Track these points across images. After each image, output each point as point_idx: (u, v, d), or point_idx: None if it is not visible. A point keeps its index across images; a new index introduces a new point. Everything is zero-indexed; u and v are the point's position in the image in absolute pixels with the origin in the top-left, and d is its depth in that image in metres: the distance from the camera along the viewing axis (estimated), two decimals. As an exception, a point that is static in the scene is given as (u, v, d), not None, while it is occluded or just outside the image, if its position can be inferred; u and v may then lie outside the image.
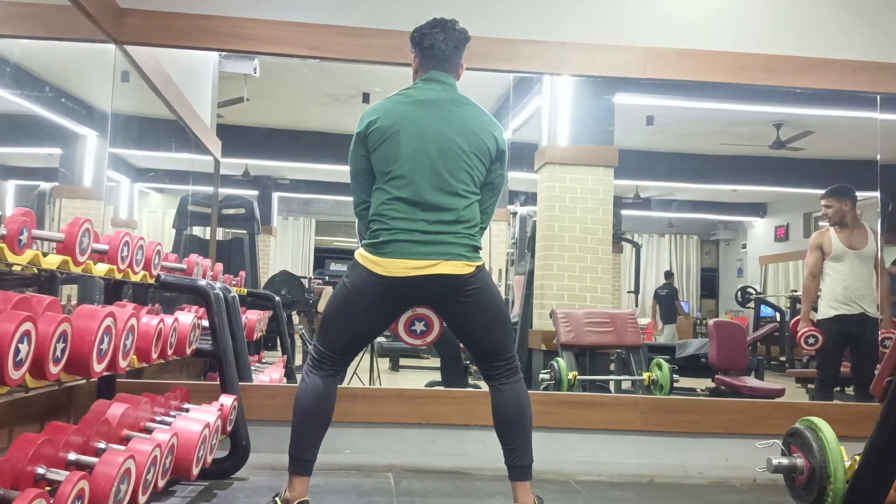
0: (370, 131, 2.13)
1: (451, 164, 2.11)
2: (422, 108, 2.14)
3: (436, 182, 2.09)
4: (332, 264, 9.28)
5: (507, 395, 2.20)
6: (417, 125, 2.11)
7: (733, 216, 11.24)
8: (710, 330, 4.95)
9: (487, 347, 2.20)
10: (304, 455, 2.17)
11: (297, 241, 10.88)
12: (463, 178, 2.12)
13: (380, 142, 2.12)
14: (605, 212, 4.71)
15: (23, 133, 3.72)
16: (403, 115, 2.13)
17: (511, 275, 7.04)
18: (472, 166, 2.14)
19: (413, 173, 2.09)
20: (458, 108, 2.18)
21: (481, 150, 2.15)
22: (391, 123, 2.12)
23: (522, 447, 2.18)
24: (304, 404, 2.18)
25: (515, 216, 7.02)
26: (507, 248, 7.45)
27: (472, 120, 2.17)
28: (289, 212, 10.74)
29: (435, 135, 2.11)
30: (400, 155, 2.10)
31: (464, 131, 2.13)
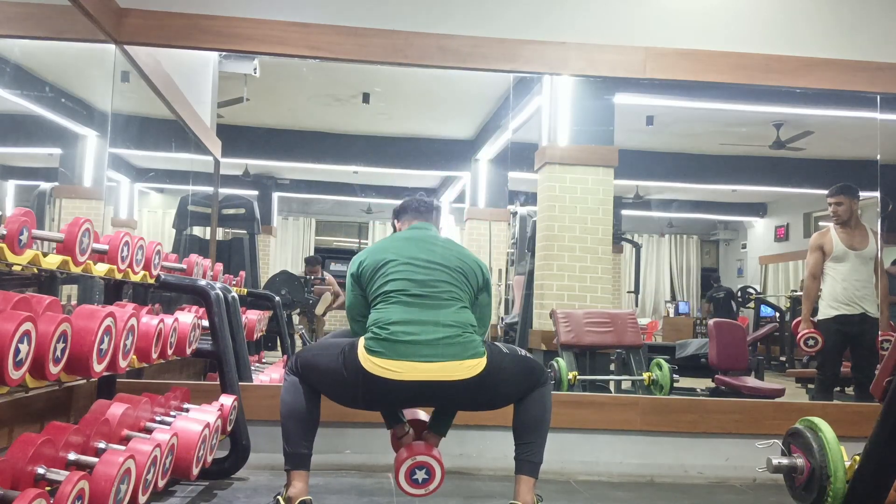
0: (362, 270, 2.24)
1: (441, 278, 2.18)
2: (409, 242, 2.28)
3: (429, 293, 2.15)
4: (333, 264, 9.27)
5: (532, 403, 2.20)
6: (406, 253, 2.22)
7: (733, 216, 11.24)
8: (710, 330, 4.95)
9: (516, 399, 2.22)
10: (295, 449, 2.19)
11: (297, 241, 10.88)
12: (454, 292, 2.18)
13: (372, 273, 2.21)
14: (605, 212, 4.71)
15: (23, 133, 3.72)
16: (391, 249, 2.25)
17: (511, 275, 7.05)
18: (460, 284, 2.21)
19: (407, 288, 2.15)
20: (442, 242, 2.32)
21: (468, 274, 2.24)
22: (381, 257, 2.23)
23: (536, 444, 2.19)
24: (286, 401, 2.22)
25: (515, 216, 7.03)
26: (507, 248, 7.45)
27: (455, 251, 2.29)
28: (289, 212, 10.75)
29: (423, 262, 2.20)
30: (392, 276, 2.18)
31: (449, 257, 2.24)
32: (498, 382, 2.14)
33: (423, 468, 2.20)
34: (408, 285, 2.14)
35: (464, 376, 2.06)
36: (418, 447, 2.24)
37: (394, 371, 2.04)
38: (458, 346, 2.08)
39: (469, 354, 2.08)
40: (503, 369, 2.14)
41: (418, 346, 2.06)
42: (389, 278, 2.17)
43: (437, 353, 2.05)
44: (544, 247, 4.72)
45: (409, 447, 2.26)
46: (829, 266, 4.22)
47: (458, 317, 2.13)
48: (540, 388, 2.21)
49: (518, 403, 2.20)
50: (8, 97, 3.42)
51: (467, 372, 2.06)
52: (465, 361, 2.07)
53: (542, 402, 2.21)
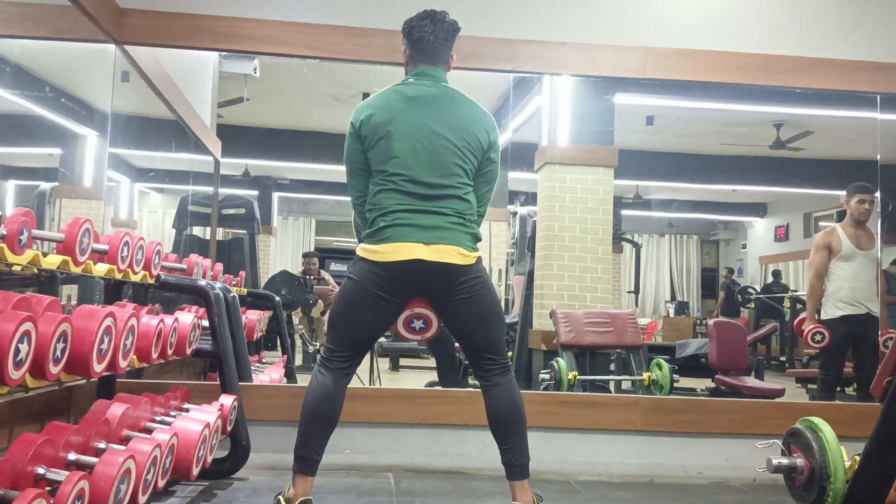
0: (364, 127, 2.18)
1: (445, 158, 2.15)
2: (414, 106, 2.18)
3: (431, 175, 2.14)
4: (333, 264, 9.27)
5: (500, 394, 2.21)
6: (410, 123, 2.15)
7: (733, 216, 11.24)
8: (710, 330, 4.95)
9: (481, 343, 2.21)
10: (309, 455, 2.17)
11: (297, 241, 10.88)
12: (457, 172, 2.16)
13: (374, 140, 2.17)
14: (605, 212, 4.71)
15: (23, 133, 3.72)
16: (396, 113, 2.17)
17: (511, 275, 7.04)
18: (466, 160, 2.18)
19: (409, 168, 2.13)
20: (449, 105, 2.21)
21: (473, 145, 2.20)
22: (384, 121, 2.16)
23: (519, 446, 2.19)
24: (312, 404, 2.19)
25: (515, 216, 7.03)
26: (507, 248, 7.45)
27: (463, 116, 2.21)
28: (289, 212, 10.74)
29: (428, 132, 2.15)
30: (395, 152, 2.14)
31: (456, 128, 2.18)
32: (484, 289, 2.18)
33: (420, 318, 2.28)
34: (409, 170, 2.13)
35: (459, 262, 2.11)
36: (416, 302, 2.26)
37: (394, 252, 2.08)
38: (455, 230, 2.13)
39: (464, 243, 2.14)
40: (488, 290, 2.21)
41: (416, 228, 2.10)
42: (392, 154, 2.14)
43: (435, 237, 2.10)
44: (544, 247, 4.72)
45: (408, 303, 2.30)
46: (835, 265, 4.18)
47: (458, 206, 2.16)
48: (502, 376, 2.22)
49: (486, 396, 2.22)
50: (8, 97, 3.42)
51: (462, 259, 2.12)
52: (460, 248, 2.12)
53: (510, 399, 2.21)
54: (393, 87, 2.26)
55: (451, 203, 2.15)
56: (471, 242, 2.18)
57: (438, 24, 2.24)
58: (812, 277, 4.32)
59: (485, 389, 2.24)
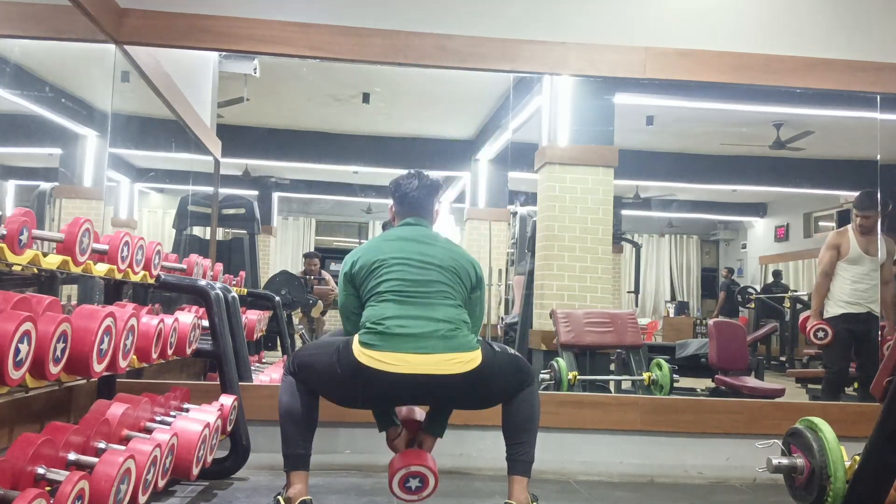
0: (356, 269, 2.24)
1: (435, 278, 2.19)
2: (402, 242, 2.28)
3: (422, 291, 2.16)
4: (333, 264, 9.27)
5: (521, 403, 2.20)
6: (399, 255, 2.22)
7: (733, 216, 11.24)
8: (710, 330, 4.95)
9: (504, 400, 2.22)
10: (293, 450, 2.19)
11: (297, 241, 10.88)
12: (447, 291, 2.19)
13: (366, 273, 2.22)
14: (605, 212, 4.71)
15: (23, 133, 3.72)
16: (385, 250, 2.25)
17: (511, 275, 7.05)
18: (454, 283, 2.22)
19: (400, 286, 2.16)
20: (435, 242, 2.30)
21: (462, 275, 2.25)
22: (374, 257, 2.23)
23: (527, 443, 2.19)
24: (284, 402, 2.22)
25: (515, 216, 7.03)
26: (507, 248, 7.45)
27: (449, 251, 2.29)
28: (289, 212, 10.75)
29: (417, 260, 2.21)
30: (386, 276, 2.18)
31: (444, 259, 2.24)
32: (491, 379, 2.14)
33: (416, 477, 2.21)
34: (401, 284, 2.16)
35: (459, 371, 2.07)
36: (411, 456, 2.23)
37: (388, 363, 2.04)
38: (452, 339, 2.10)
39: (463, 348, 2.09)
40: (496, 366, 2.15)
41: (412, 338, 2.07)
42: (383, 278, 2.17)
43: (431, 346, 2.07)
44: (544, 247, 4.72)
45: (402, 455, 2.25)
46: (841, 266, 4.23)
47: (451, 313, 2.15)
48: (528, 388, 2.21)
49: (506, 404, 2.20)
50: (8, 97, 3.42)
51: (462, 367, 2.07)
52: (459, 355, 2.08)
53: (530, 402, 2.21)
54: (381, 234, 2.38)
55: (445, 311, 2.14)
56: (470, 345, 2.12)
57: (422, 180, 2.39)
58: (819, 275, 4.37)
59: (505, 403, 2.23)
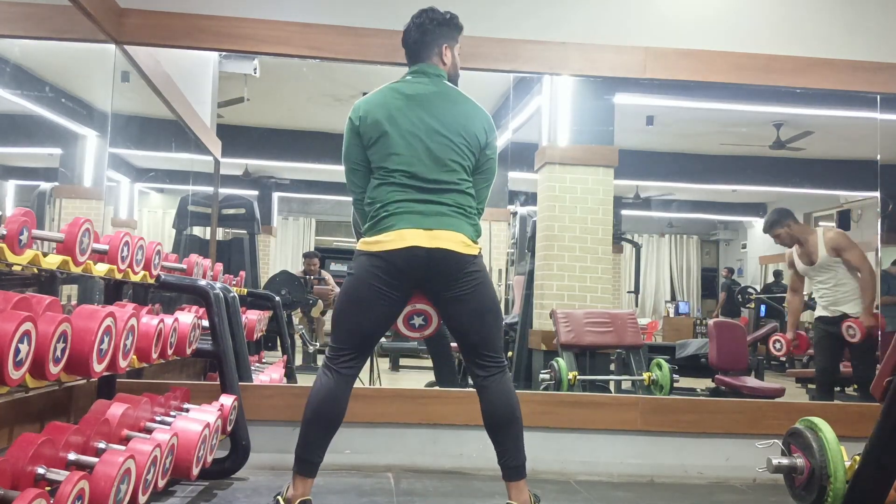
0: (362, 124, 2.19)
1: (444, 155, 2.16)
2: (412, 104, 2.20)
3: (431, 171, 2.15)
4: (333, 264, 9.27)
5: (495, 394, 2.19)
6: (409, 121, 2.16)
7: (733, 216, 11.23)
8: (710, 330, 4.95)
9: (478, 340, 2.20)
10: (310, 457, 2.17)
11: (297, 241, 10.88)
12: (456, 168, 2.17)
13: (374, 138, 2.18)
14: (605, 212, 4.71)
15: (23, 133, 3.72)
16: (394, 111, 2.18)
17: (511, 275, 7.04)
18: (464, 156, 2.19)
19: (409, 164, 2.14)
20: (447, 103, 2.23)
21: (471, 142, 2.21)
22: (383, 119, 2.17)
23: (514, 447, 2.18)
24: (314, 406, 2.17)
25: (515, 216, 7.02)
26: (507, 248, 7.45)
27: (461, 114, 2.22)
28: (289, 212, 10.74)
29: (426, 129, 2.16)
30: (394, 149, 2.15)
31: (454, 126, 2.19)
32: (485, 286, 2.18)
33: (420, 315, 2.29)
34: (409, 166, 2.13)
35: (464, 251, 2.11)
36: (416, 298, 2.26)
37: (394, 240, 2.08)
38: (457, 218, 2.14)
39: (466, 232, 2.14)
40: (487, 286, 2.19)
41: (417, 215, 2.10)
42: (390, 151, 2.15)
43: (436, 223, 2.10)
44: (544, 247, 4.72)
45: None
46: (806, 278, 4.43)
47: (458, 199, 2.16)
48: (501, 373, 2.21)
49: (481, 395, 2.20)
50: (8, 97, 3.42)
51: (468, 249, 2.12)
52: (464, 238, 2.12)
53: (506, 399, 2.19)
54: (390, 84, 2.27)
55: (451, 196, 2.16)
56: (472, 233, 2.18)
57: (421, 19, 2.29)
58: (788, 293, 4.58)
59: (480, 389, 2.22)
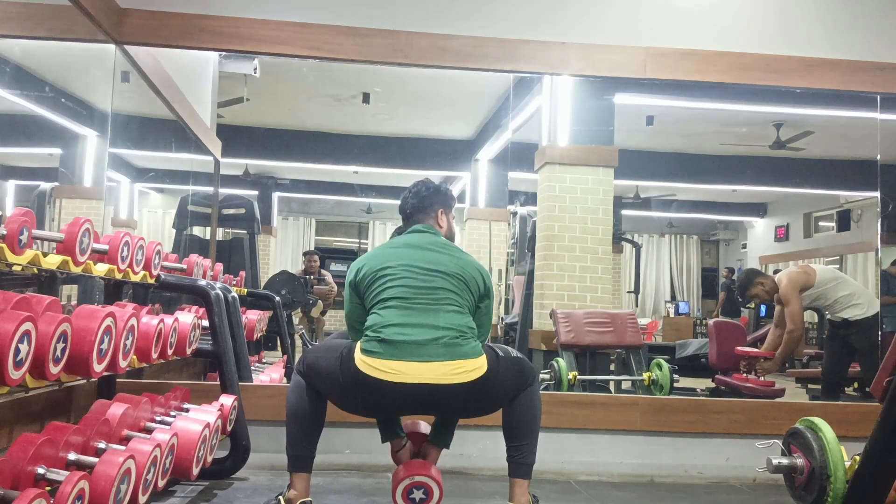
0: (360, 277, 2.20)
1: (440, 285, 2.14)
2: (407, 249, 2.23)
3: (427, 298, 2.12)
4: (333, 264, 9.28)
5: (521, 404, 2.18)
6: (404, 263, 2.17)
7: (733, 216, 11.23)
8: (710, 330, 4.95)
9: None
10: (298, 451, 2.18)
11: (297, 241, 10.88)
12: (454, 300, 2.14)
13: (370, 281, 2.17)
14: (605, 212, 4.71)
15: (23, 133, 3.72)
16: (389, 257, 2.20)
17: (511, 275, 7.05)
18: (460, 291, 2.16)
19: (406, 296, 2.11)
20: (442, 250, 2.24)
21: (468, 282, 2.19)
22: (379, 264, 2.19)
23: (529, 446, 2.18)
24: (291, 402, 2.20)
25: (515, 216, 7.03)
26: (507, 248, 7.45)
27: (456, 258, 2.22)
28: (289, 212, 10.74)
29: (423, 269, 2.16)
30: (390, 283, 2.14)
31: (449, 264, 2.19)
32: (495, 387, 2.11)
33: (420, 488, 2.16)
34: (406, 291, 2.11)
35: (462, 380, 2.03)
36: (416, 466, 2.20)
37: (389, 372, 2.00)
38: (456, 347, 2.05)
39: (467, 356, 2.05)
40: (500, 373, 2.11)
41: (415, 346, 2.02)
42: (387, 285, 2.13)
43: (434, 354, 2.02)
44: (544, 247, 4.72)
45: (406, 465, 2.22)
46: None
47: (456, 320, 2.10)
48: (529, 388, 2.18)
49: (508, 405, 2.18)
50: (8, 97, 3.42)
51: (466, 376, 2.03)
52: (464, 363, 2.03)
53: (531, 403, 2.19)
54: (385, 243, 2.34)
55: (450, 318, 2.09)
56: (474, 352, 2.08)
57: (420, 186, 2.38)
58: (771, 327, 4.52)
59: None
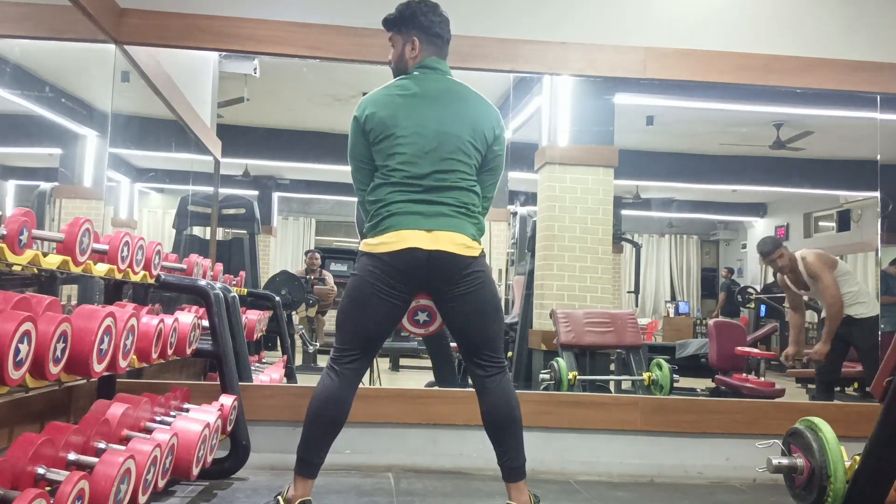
0: (368, 122, 2.16)
1: (450, 154, 2.14)
2: (418, 102, 2.17)
3: (435, 170, 2.12)
4: (333, 264, 9.28)
5: (495, 394, 2.18)
6: (414, 121, 2.14)
7: (733, 216, 11.23)
8: (710, 330, 4.95)
9: (479, 340, 2.19)
10: (311, 458, 2.16)
11: (297, 241, 10.88)
12: (460, 168, 2.15)
13: (379, 137, 2.15)
14: (605, 212, 4.71)
15: (23, 133, 3.72)
16: (399, 110, 2.15)
17: (511, 275, 7.04)
18: (471, 155, 2.17)
19: (412, 164, 2.12)
20: (455, 101, 2.20)
21: (479, 140, 2.18)
22: (388, 118, 2.14)
23: (514, 448, 2.17)
24: (316, 406, 2.16)
25: (515, 216, 7.02)
26: (507, 248, 7.45)
27: (469, 112, 2.19)
28: (289, 212, 10.74)
29: (432, 129, 2.13)
30: (399, 149, 2.13)
31: (461, 124, 2.16)
32: (486, 284, 2.16)
33: (425, 311, 2.27)
34: (413, 166, 2.11)
35: (464, 253, 2.09)
36: (421, 295, 2.25)
37: (394, 242, 2.07)
38: (458, 218, 2.12)
39: (468, 232, 2.12)
40: (489, 285, 2.18)
41: (417, 216, 2.08)
42: (393, 150, 2.13)
43: (436, 224, 2.08)
44: (544, 247, 4.72)
45: None
46: None
47: (461, 197, 2.14)
48: (501, 373, 2.20)
49: (480, 396, 2.20)
50: (8, 97, 3.42)
51: (467, 251, 2.10)
52: (464, 237, 2.10)
53: (506, 399, 2.18)
54: (397, 81, 2.25)
55: (454, 194, 2.13)
56: (475, 233, 2.16)
57: (446, 19, 2.28)
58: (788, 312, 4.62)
59: (480, 389, 2.21)
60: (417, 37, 2.24)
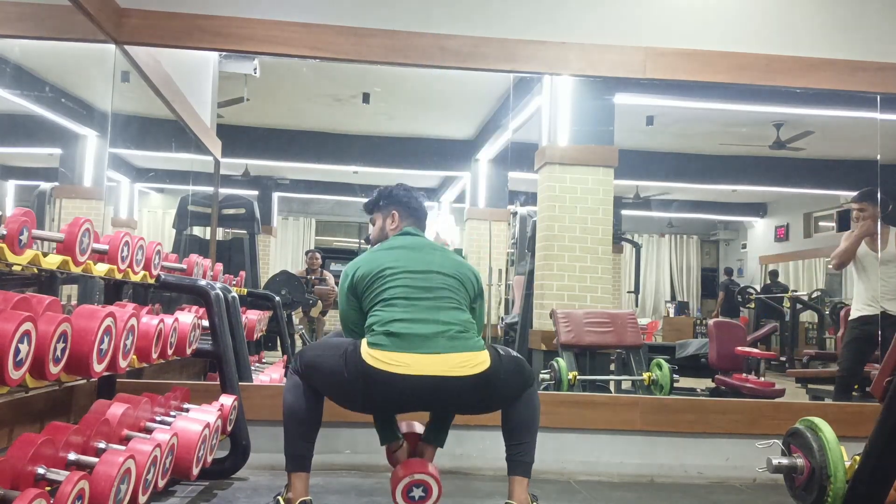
0: (357, 279, 2.21)
1: (439, 284, 2.18)
2: (403, 251, 2.26)
3: (428, 296, 2.14)
4: (333, 264, 9.28)
5: (522, 405, 2.19)
6: (402, 261, 2.20)
7: (733, 216, 11.25)
8: (710, 330, 4.95)
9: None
10: (296, 451, 2.18)
11: (297, 241, 10.89)
12: (452, 297, 2.18)
13: (369, 282, 2.18)
14: (605, 212, 4.71)
15: (23, 133, 3.72)
16: (385, 260, 2.22)
17: (511, 275, 7.05)
18: (458, 290, 2.21)
19: (406, 293, 2.13)
20: (436, 251, 2.30)
21: (464, 282, 2.24)
22: (377, 266, 2.20)
23: (528, 444, 2.19)
24: (288, 402, 2.21)
25: (515, 216, 7.03)
26: (507, 248, 7.46)
27: (450, 259, 2.28)
28: (289, 212, 10.76)
29: (420, 266, 2.20)
30: (390, 284, 2.16)
31: (445, 264, 2.23)
32: (498, 384, 2.12)
33: (420, 486, 2.18)
34: (407, 291, 2.13)
35: (469, 373, 2.04)
36: (414, 464, 2.22)
37: (397, 365, 2.02)
38: (461, 340, 2.08)
39: (472, 349, 2.08)
40: (502, 370, 2.13)
41: (421, 338, 2.05)
42: (388, 285, 2.15)
43: (441, 346, 2.05)
44: (544, 247, 4.73)
45: (405, 464, 2.23)
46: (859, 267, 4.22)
47: (457, 315, 2.14)
48: (529, 389, 2.20)
49: (508, 405, 2.19)
50: (8, 97, 3.42)
51: (472, 369, 2.05)
52: (469, 356, 2.06)
53: (531, 403, 2.20)
54: (377, 247, 2.34)
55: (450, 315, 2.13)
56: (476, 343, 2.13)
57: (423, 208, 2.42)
58: None
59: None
60: (397, 210, 2.39)
